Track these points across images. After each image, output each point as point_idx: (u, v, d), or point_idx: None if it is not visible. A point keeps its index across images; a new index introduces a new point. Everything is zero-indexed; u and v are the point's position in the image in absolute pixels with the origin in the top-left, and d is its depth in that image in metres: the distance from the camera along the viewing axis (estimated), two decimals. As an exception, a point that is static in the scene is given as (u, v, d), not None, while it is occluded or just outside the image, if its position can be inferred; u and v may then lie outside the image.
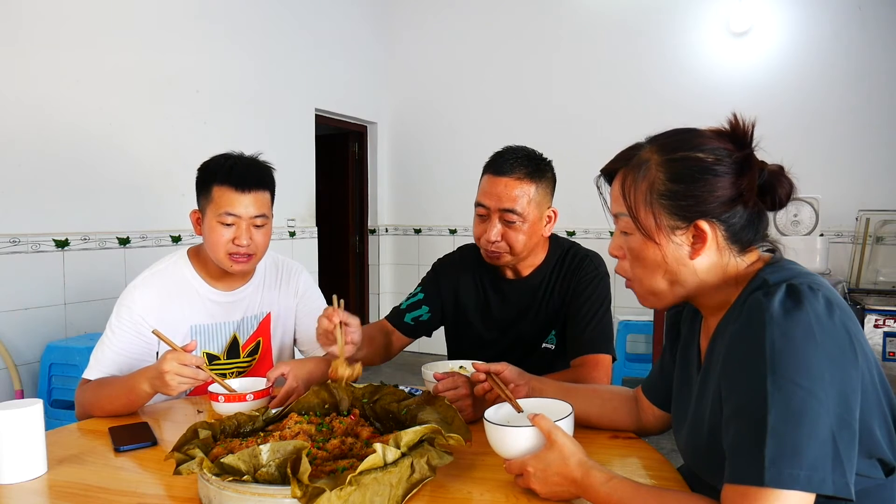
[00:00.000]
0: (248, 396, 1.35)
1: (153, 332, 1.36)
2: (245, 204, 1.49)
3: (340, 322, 1.29)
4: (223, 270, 1.55)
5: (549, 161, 1.58)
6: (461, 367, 1.49)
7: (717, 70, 4.43)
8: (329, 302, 1.45)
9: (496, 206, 1.50)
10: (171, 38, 3.37)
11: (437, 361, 1.53)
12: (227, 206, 1.48)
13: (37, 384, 2.67)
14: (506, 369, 1.24)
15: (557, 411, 1.03)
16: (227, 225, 1.49)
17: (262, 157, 1.61)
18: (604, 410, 1.23)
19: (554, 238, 1.66)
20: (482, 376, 1.24)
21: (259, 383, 1.43)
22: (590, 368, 1.49)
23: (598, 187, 0.98)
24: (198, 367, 1.29)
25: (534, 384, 1.27)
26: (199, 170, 1.55)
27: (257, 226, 1.52)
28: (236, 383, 1.42)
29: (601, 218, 1.00)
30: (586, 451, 0.92)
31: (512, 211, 1.48)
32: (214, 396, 1.35)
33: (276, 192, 1.66)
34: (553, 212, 1.58)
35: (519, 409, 1.10)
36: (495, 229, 1.50)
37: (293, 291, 1.72)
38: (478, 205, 1.54)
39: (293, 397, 1.42)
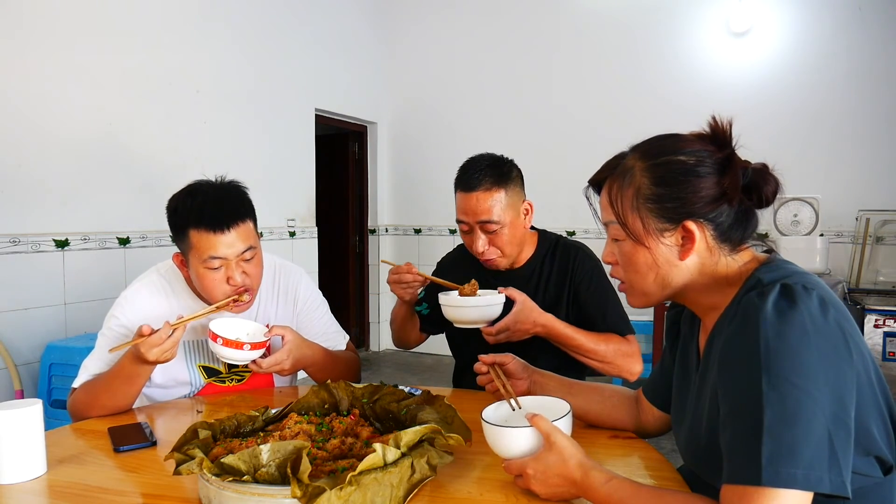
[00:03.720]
0: (245, 346, 1.36)
1: (109, 350, 1.34)
2: (228, 243, 1.37)
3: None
4: None
5: (511, 161, 1.66)
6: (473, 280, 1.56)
7: (717, 70, 4.43)
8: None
9: (474, 220, 1.58)
10: (171, 38, 3.37)
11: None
12: (210, 250, 1.36)
13: (37, 384, 2.67)
14: (511, 361, 1.28)
15: (555, 410, 1.03)
16: (216, 269, 1.39)
17: (230, 177, 1.48)
18: (603, 408, 1.23)
19: (542, 232, 1.75)
20: (484, 368, 1.28)
21: (259, 332, 1.45)
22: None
23: (588, 198, 1.00)
24: (172, 329, 1.29)
25: (536, 378, 1.29)
26: (169, 211, 1.43)
27: (246, 259, 1.42)
28: (237, 323, 1.45)
29: (601, 219, 1.01)
30: (586, 450, 0.92)
31: (489, 221, 1.57)
32: (214, 336, 1.36)
33: (277, 193, 1.64)
34: (528, 205, 1.66)
35: (517, 406, 1.11)
36: (481, 240, 1.60)
37: (292, 301, 1.65)
38: (458, 221, 1.63)
39: (275, 368, 1.43)
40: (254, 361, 1.41)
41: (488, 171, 1.58)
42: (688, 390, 0.99)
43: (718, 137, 0.88)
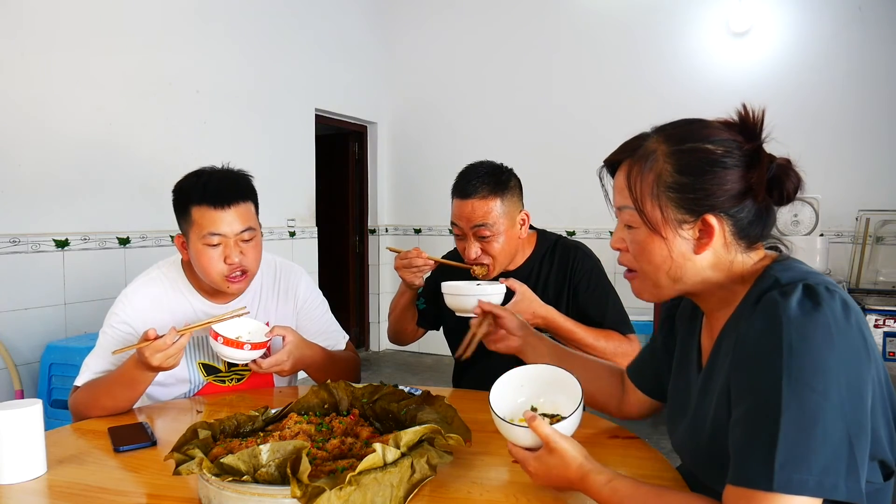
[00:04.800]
0: (245, 346, 1.37)
1: (113, 352, 1.33)
2: (228, 221, 1.40)
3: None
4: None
5: (510, 170, 1.66)
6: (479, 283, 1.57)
7: (717, 70, 4.43)
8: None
9: (468, 226, 1.59)
10: (171, 38, 3.37)
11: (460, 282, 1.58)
12: (210, 226, 1.39)
13: (37, 384, 2.67)
14: (507, 316, 1.28)
15: (566, 389, 1.01)
16: (214, 246, 1.41)
17: (236, 167, 1.53)
18: (588, 388, 1.19)
19: (541, 232, 1.75)
20: (479, 311, 1.29)
21: (261, 331, 1.45)
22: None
23: (601, 178, 0.95)
24: (178, 335, 1.29)
25: (530, 339, 1.28)
26: (174, 192, 1.47)
27: (245, 240, 1.44)
28: (239, 321, 1.45)
29: (602, 218, 0.99)
30: (587, 450, 0.91)
31: (483, 225, 1.58)
32: (215, 335, 1.36)
33: (277, 193, 1.65)
34: (525, 215, 1.67)
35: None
36: (474, 247, 1.61)
37: (292, 299, 1.65)
38: (452, 224, 1.65)
39: (275, 369, 1.44)
40: (254, 361, 1.42)
41: (486, 179, 1.58)
42: (688, 390, 0.97)
43: (748, 128, 0.84)
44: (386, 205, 5.55)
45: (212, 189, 1.41)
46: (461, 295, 1.51)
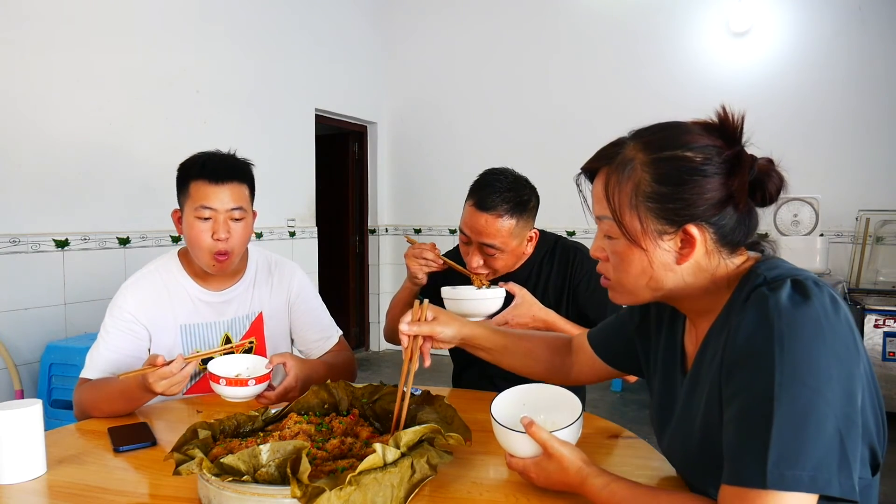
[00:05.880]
0: (250, 382, 1.35)
1: (119, 377, 1.30)
2: (221, 197, 1.48)
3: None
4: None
5: (533, 189, 1.62)
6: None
7: (717, 70, 4.43)
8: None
9: (476, 238, 1.57)
10: (171, 38, 3.37)
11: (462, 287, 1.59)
12: (203, 199, 1.47)
13: (37, 384, 2.67)
14: (436, 332, 1.14)
15: (566, 406, 1.02)
16: (205, 219, 1.48)
17: (241, 155, 1.61)
18: (525, 362, 1.23)
19: (541, 232, 1.73)
20: (405, 342, 1.13)
21: (258, 364, 1.44)
22: None
23: (578, 185, 0.92)
24: (185, 363, 1.29)
25: (466, 338, 1.18)
26: (178, 169, 1.55)
27: (235, 219, 1.50)
28: (234, 360, 1.44)
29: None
30: (586, 451, 0.91)
31: (492, 246, 1.56)
32: (216, 378, 1.35)
33: (277, 193, 1.67)
34: (534, 232, 1.66)
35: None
36: (477, 257, 1.60)
37: (285, 291, 1.69)
38: (461, 231, 1.62)
39: (290, 394, 1.43)
40: (262, 395, 1.42)
41: (507, 197, 1.53)
42: (673, 396, 0.95)
43: (727, 131, 0.81)
44: (386, 205, 5.55)
45: (210, 166, 1.50)
46: (461, 300, 1.51)
